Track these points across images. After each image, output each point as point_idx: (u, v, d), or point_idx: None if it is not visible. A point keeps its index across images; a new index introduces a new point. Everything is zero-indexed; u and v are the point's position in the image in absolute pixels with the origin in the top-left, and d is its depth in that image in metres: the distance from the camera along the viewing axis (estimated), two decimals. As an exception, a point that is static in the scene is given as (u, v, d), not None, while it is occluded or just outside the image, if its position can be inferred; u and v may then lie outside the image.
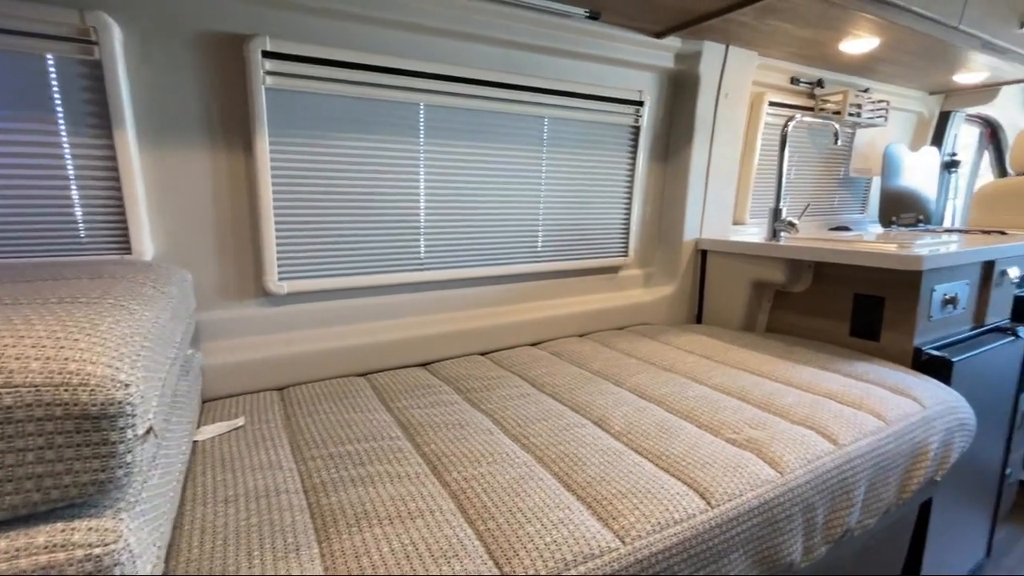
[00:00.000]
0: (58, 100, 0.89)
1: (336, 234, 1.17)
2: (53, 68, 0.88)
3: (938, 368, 1.21)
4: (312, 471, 0.78)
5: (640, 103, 1.52)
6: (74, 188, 0.93)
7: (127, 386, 0.45)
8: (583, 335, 1.54)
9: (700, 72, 1.53)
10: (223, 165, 1.05)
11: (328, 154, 1.13)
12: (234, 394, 1.09)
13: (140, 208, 0.97)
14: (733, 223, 1.85)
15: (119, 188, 0.95)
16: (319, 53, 1.07)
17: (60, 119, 0.90)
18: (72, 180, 0.92)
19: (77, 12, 0.87)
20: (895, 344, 1.29)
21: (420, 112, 1.21)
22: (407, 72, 1.16)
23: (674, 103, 1.63)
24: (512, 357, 1.31)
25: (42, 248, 0.92)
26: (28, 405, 0.42)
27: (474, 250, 1.36)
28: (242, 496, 0.71)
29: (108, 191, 0.95)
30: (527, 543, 0.61)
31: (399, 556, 0.59)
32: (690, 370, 1.19)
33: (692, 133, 1.59)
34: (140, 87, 0.96)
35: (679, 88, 1.61)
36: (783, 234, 1.63)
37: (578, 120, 1.45)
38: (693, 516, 0.69)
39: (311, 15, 1.07)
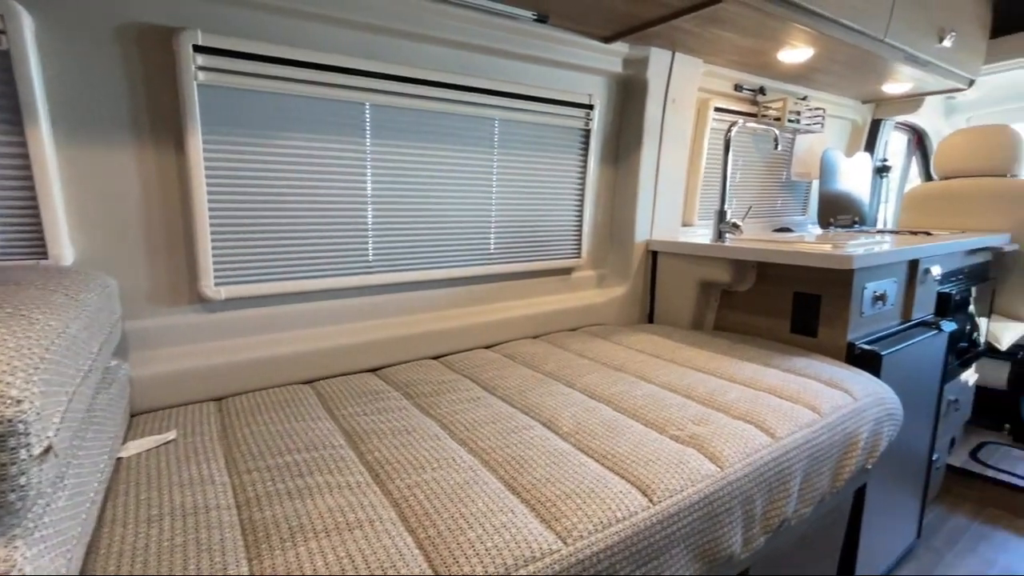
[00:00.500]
0: (-40, 92, 0.82)
1: (278, 237, 1.13)
2: (-47, 58, 0.81)
3: (869, 361, 1.28)
4: (246, 485, 0.74)
5: (590, 107, 1.54)
6: (-20, 188, 0.86)
7: (19, 403, 0.42)
8: (537, 336, 1.54)
9: (648, 77, 1.57)
10: (152, 164, 0.99)
11: (269, 154, 1.09)
12: (167, 406, 1.03)
13: (56, 210, 0.90)
14: (682, 224, 1.90)
15: (32, 188, 0.89)
16: (257, 49, 1.03)
17: (-38, 113, 0.83)
18: (-23, 179, 0.85)
19: (-20, -2, 0.80)
20: (831, 339, 1.35)
21: (366, 112, 1.18)
22: (352, 71, 1.14)
23: (623, 107, 1.66)
24: (465, 360, 1.29)
25: (-57, 253, 0.85)
26: None
27: (425, 252, 1.34)
28: (168, 515, 0.67)
29: (20, 192, 0.88)
30: (468, 549, 0.61)
31: (333, 569, 0.57)
32: (639, 369, 1.21)
33: (641, 137, 1.62)
34: (56, 80, 0.89)
35: (628, 93, 1.64)
36: (728, 235, 1.69)
37: (529, 122, 1.46)
38: (635, 514, 0.70)
39: (248, 9, 1.02)
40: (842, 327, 1.32)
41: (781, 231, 2.25)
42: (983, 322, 2.01)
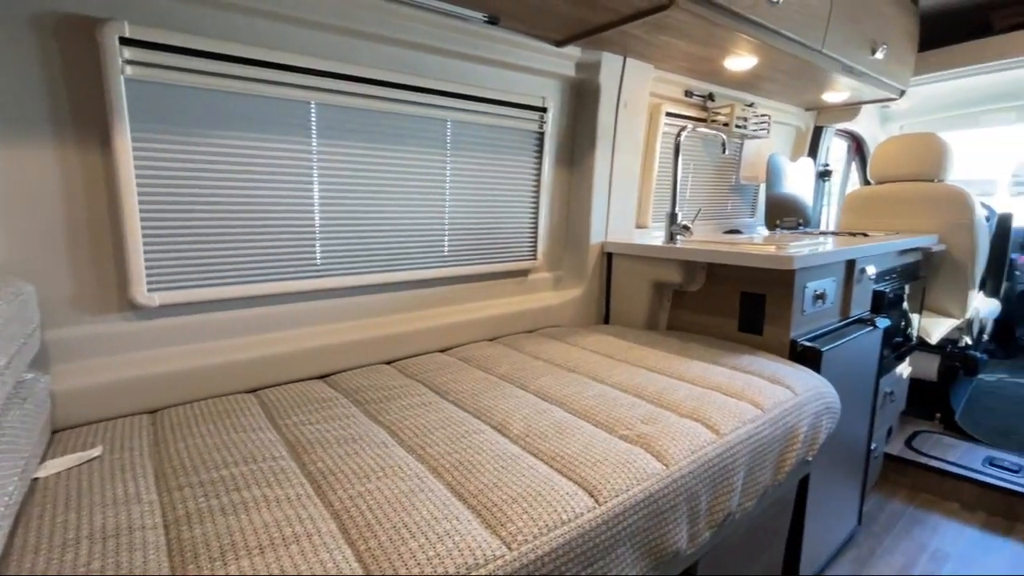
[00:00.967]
0: None
1: (218, 240, 1.08)
2: None
3: (810, 357, 1.34)
4: (176, 502, 0.70)
5: (544, 109, 1.55)
6: None
7: None
8: (494, 339, 1.53)
9: (600, 82, 1.59)
10: (75, 163, 0.93)
11: (207, 153, 1.04)
12: (95, 421, 0.97)
13: (-37, 211, 0.83)
14: (637, 226, 1.94)
15: (-65, 188, 0.82)
16: (193, 44, 0.98)
17: None
18: None
19: None
20: (775, 337, 1.40)
21: (311, 111, 1.15)
22: (297, 69, 1.10)
23: (577, 110, 1.68)
24: (418, 365, 1.27)
25: None
26: None
27: (377, 255, 1.31)
28: (86, 538, 0.62)
29: (-80, 191, 0.81)
30: (408, 559, 0.59)
31: (264, 589, 0.54)
32: (592, 370, 1.23)
33: (595, 140, 1.64)
34: (-38, 71, 0.82)
35: (581, 96, 1.66)
36: (679, 237, 1.73)
37: (483, 124, 1.45)
38: (581, 515, 0.70)
39: (182, 2, 0.98)
40: (785, 325, 1.38)
41: (731, 233, 2.33)
42: (915, 318, 2.13)
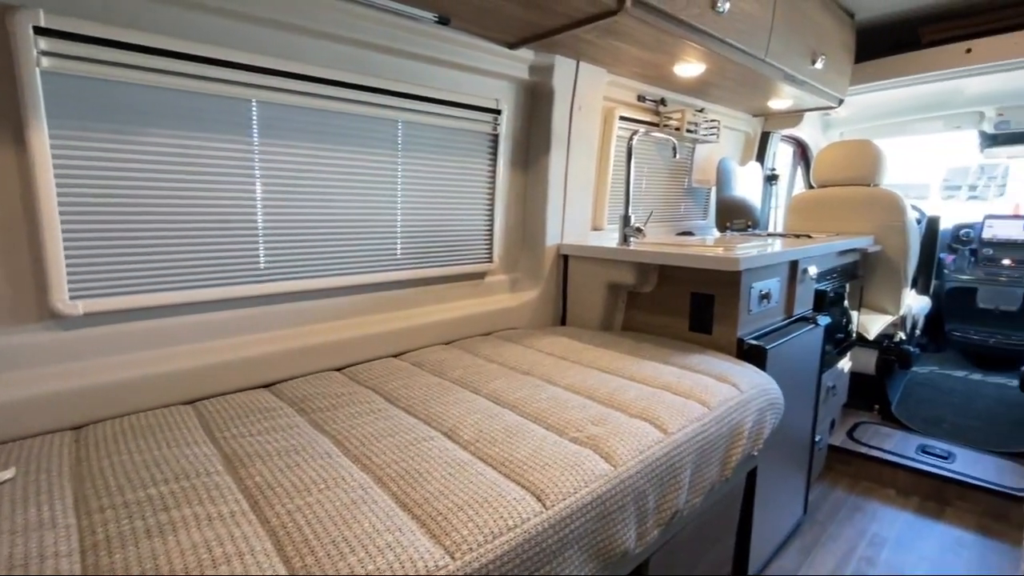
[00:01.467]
0: None
1: (152, 244, 1.02)
2: None
3: (756, 355, 1.38)
4: (96, 526, 0.65)
5: (498, 111, 1.54)
6: None
7: None
8: (449, 343, 1.52)
9: (554, 85, 1.60)
10: (-16, 161, 0.86)
11: (139, 152, 0.99)
12: (10, 439, 0.89)
13: None
14: (593, 228, 1.96)
15: None
16: (119, 36, 0.92)
17: None
18: None
19: None
20: (723, 336, 1.44)
21: (252, 109, 1.10)
22: (236, 65, 1.05)
23: (532, 113, 1.68)
24: (370, 371, 1.24)
25: None
26: None
27: (326, 259, 1.27)
28: (-12, 570, 0.57)
29: None
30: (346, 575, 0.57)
31: (187, 615, 0.51)
32: (546, 372, 1.23)
33: (549, 143, 1.65)
34: None
35: (535, 99, 1.66)
36: (632, 239, 1.76)
37: (435, 125, 1.43)
38: (527, 520, 0.69)
39: (106, -10, 0.92)
40: (733, 324, 1.42)
41: (684, 234, 2.40)
42: (855, 315, 2.25)
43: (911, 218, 2.29)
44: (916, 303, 2.62)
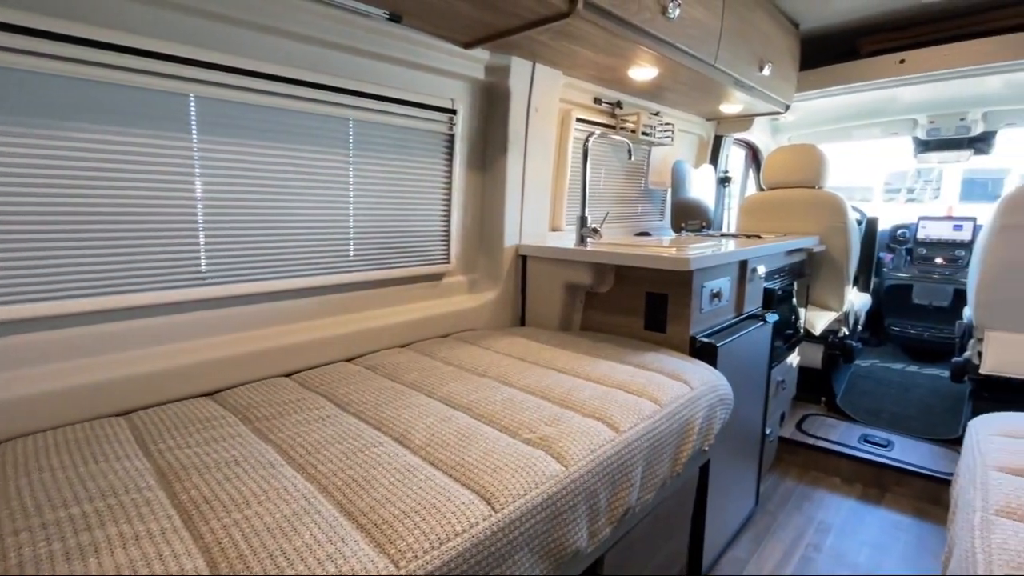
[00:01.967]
0: None
1: (76, 246, 0.96)
2: None
3: (707, 352, 1.42)
4: (9, 550, 0.61)
5: (453, 111, 1.53)
6: None
7: None
8: (406, 345, 1.49)
9: (510, 85, 1.60)
10: None
11: (59, 147, 0.92)
12: (-86, 460, 0.82)
13: None
14: (552, 229, 1.97)
15: None
16: (34, 23, 0.86)
17: None
18: None
19: None
20: (677, 334, 1.48)
21: (190, 105, 1.05)
22: (169, 57, 1.00)
23: (488, 113, 1.68)
24: (321, 376, 1.21)
25: None
26: None
27: (273, 261, 1.23)
28: None
29: None
30: (282, 591, 0.55)
31: (105, 643, 0.48)
32: (503, 373, 1.22)
33: (506, 144, 1.65)
34: None
35: (492, 99, 1.66)
36: (589, 240, 1.78)
37: (388, 124, 1.41)
38: (475, 524, 0.69)
39: (22, -26, 0.86)
40: (685, 323, 1.45)
41: (641, 235, 2.44)
42: (802, 312, 2.35)
43: (852, 219, 2.41)
44: (858, 300, 2.75)
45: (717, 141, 2.82)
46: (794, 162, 2.49)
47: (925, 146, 2.88)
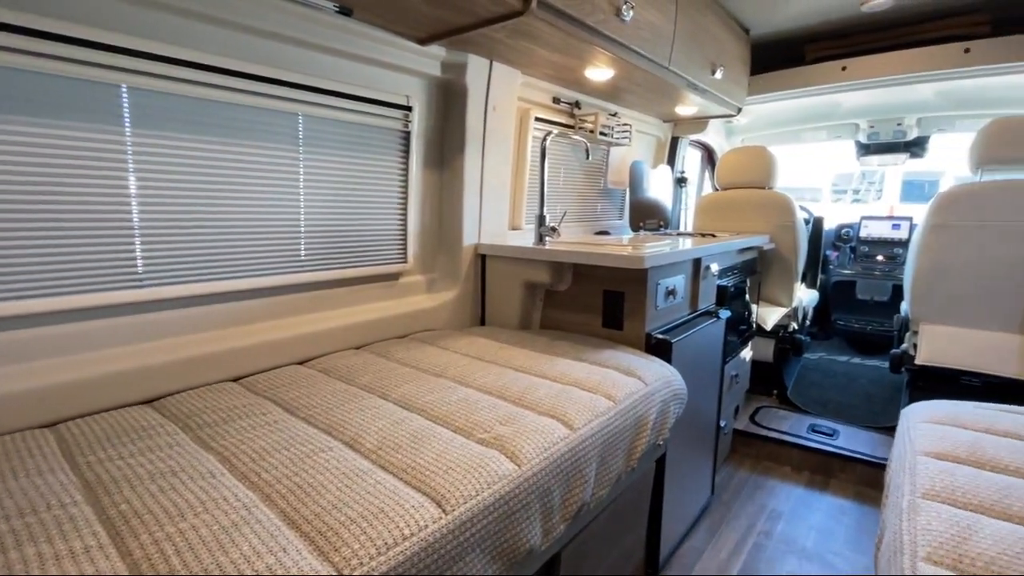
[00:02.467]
0: None
1: (-5, 246, 0.89)
2: None
3: (662, 349, 1.45)
4: (-93, 578, 0.56)
5: (409, 108, 1.50)
6: None
7: None
8: (361, 347, 1.46)
9: (467, 83, 1.59)
10: None
11: (-25, 140, 0.86)
12: None
13: None
14: (511, 228, 1.97)
15: None
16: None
17: None
18: None
19: None
20: (633, 331, 1.50)
21: (122, 96, 0.99)
22: (97, 45, 0.94)
23: (446, 111, 1.66)
24: (270, 380, 1.16)
25: None
26: None
27: (218, 261, 1.18)
28: None
29: None
30: (216, 607, 0.52)
31: (13, 673, 0.44)
32: (460, 373, 1.21)
33: (464, 142, 1.64)
34: None
35: (449, 97, 1.64)
36: (547, 239, 1.79)
37: (340, 120, 1.37)
38: (425, 527, 0.68)
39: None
40: (641, 320, 1.48)
41: (601, 234, 2.48)
42: (755, 308, 2.43)
43: (800, 218, 2.51)
44: (806, 296, 2.88)
45: (674, 142, 2.89)
46: (746, 163, 2.58)
47: (866, 149, 3.03)
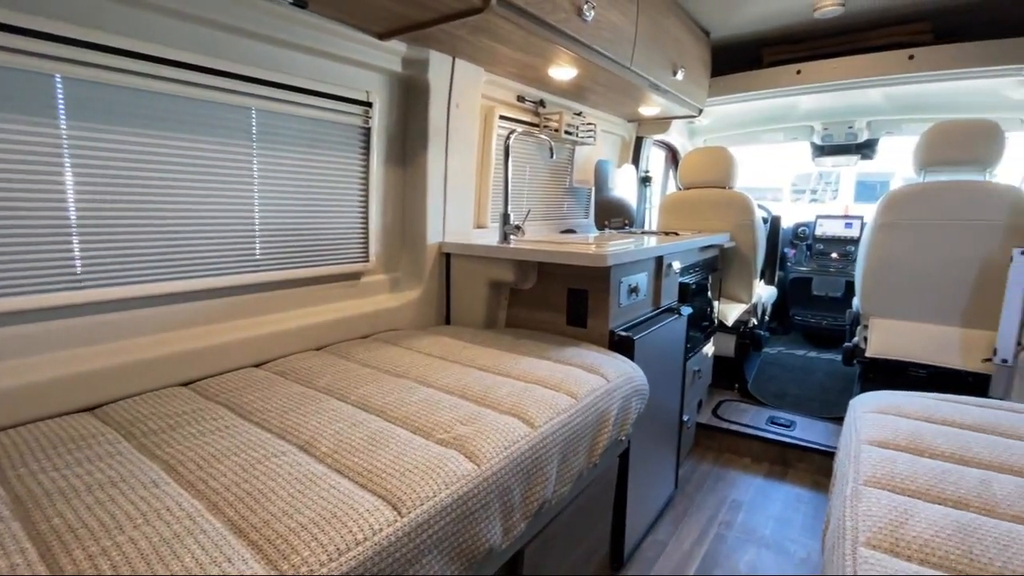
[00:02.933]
0: None
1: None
2: None
3: (625, 346, 1.47)
4: None
5: (369, 104, 1.48)
6: None
7: None
8: (322, 348, 1.42)
9: (430, 80, 1.57)
10: None
11: None
12: None
13: None
14: (477, 227, 1.96)
15: None
16: None
17: None
18: None
19: None
20: (597, 329, 1.52)
21: (57, 86, 0.94)
22: (28, 32, 0.89)
23: (407, 108, 1.64)
24: (223, 384, 1.12)
25: None
26: None
27: (164, 261, 1.13)
28: None
29: None
30: (152, 623, 0.50)
31: None
32: (422, 373, 1.20)
33: (427, 139, 1.62)
34: None
35: (411, 93, 1.62)
36: (512, 237, 1.79)
37: (297, 115, 1.33)
38: (379, 531, 0.66)
39: None
40: (604, 317, 1.50)
41: (567, 232, 2.49)
42: (716, 304, 2.49)
43: (759, 217, 2.59)
44: (765, 292, 2.97)
45: (638, 142, 2.93)
46: (707, 163, 2.64)
47: (821, 150, 3.15)
